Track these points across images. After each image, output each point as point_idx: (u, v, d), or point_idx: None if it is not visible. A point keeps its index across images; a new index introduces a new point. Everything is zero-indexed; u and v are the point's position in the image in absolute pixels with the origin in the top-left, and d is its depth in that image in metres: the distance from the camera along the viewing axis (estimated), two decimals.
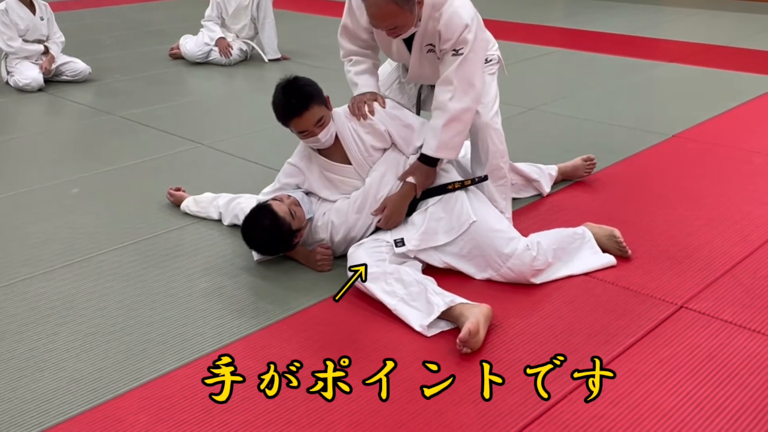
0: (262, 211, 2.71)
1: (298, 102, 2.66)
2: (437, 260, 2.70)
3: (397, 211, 2.71)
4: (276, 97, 2.70)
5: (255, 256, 2.87)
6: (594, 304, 2.52)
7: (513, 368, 2.20)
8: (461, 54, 2.64)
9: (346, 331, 2.43)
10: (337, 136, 2.79)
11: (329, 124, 2.74)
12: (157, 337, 2.42)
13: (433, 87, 3.02)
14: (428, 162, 2.72)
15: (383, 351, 2.30)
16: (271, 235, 2.69)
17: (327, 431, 1.97)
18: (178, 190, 3.41)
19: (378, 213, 2.72)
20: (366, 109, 2.80)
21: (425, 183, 2.73)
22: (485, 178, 2.90)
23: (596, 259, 2.75)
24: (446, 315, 2.38)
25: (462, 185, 2.77)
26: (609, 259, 2.76)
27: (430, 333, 2.37)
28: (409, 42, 2.77)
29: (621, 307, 2.49)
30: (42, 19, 5.69)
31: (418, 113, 3.05)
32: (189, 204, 3.30)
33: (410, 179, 2.70)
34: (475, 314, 2.31)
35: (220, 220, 3.21)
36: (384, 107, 2.82)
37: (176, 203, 3.37)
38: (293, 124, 2.70)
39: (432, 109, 2.76)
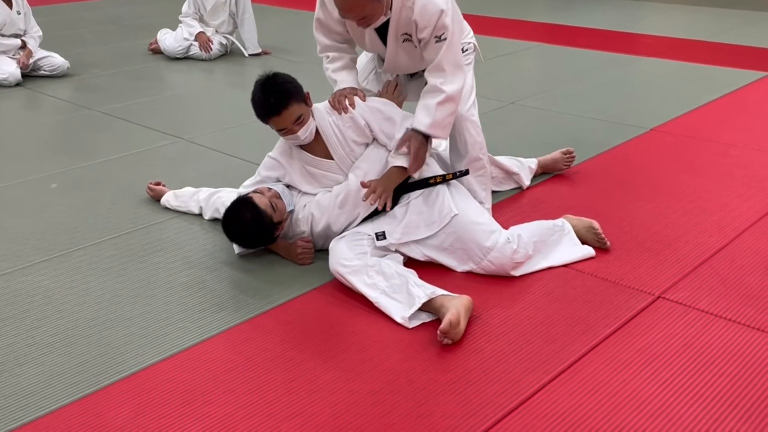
0: (243, 203, 2.70)
1: (276, 101, 2.64)
2: (418, 253, 2.71)
3: (384, 185, 2.66)
4: (255, 94, 2.68)
5: (236, 249, 2.86)
6: (573, 295, 2.54)
7: (493, 358, 2.21)
8: (444, 39, 2.65)
9: (327, 323, 2.43)
10: (318, 132, 2.79)
11: (308, 121, 2.73)
12: (138, 331, 2.41)
13: (410, 76, 3.04)
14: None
15: (365, 343, 2.31)
16: (253, 227, 2.68)
17: (308, 422, 1.98)
18: (158, 184, 3.39)
19: (367, 186, 2.67)
20: (346, 102, 2.80)
21: (419, 151, 2.70)
22: (466, 172, 2.92)
23: (576, 251, 2.78)
24: (427, 307, 2.39)
25: (443, 179, 2.78)
26: (588, 251, 2.78)
27: (411, 324, 2.38)
28: (382, 33, 2.77)
29: (600, 298, 2.52)
30: (19, 13, 5.63)
31: None
32: (169, 198, 3.29)
33: (403, 149, 2.68)
34: (456, 306, 2.32)
35: (200, 215, 3.20)
36: (364, 101, 2.83)
37: (156, 198, 3.35)
38: (272, 122, 2.70)
39: (423, 93, 2.77)
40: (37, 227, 3.20)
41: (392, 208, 2.72)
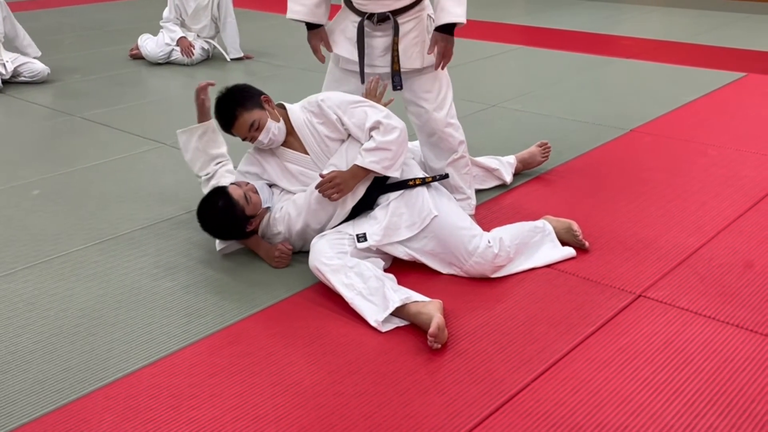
0: (217, 193, 2.78)
1: (227, 115, 2.79)
2: (402, 252, 2.71)
3: (344, 180, 2.66)
4: (214, 111, 2.85)
5: (217, 245, 2.88)
6: (555, 295, 2.57)
7: (477, 359, 2.24)
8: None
9: (311, 327, 2.44)
10: (295, 131, 2.83)
11: (267, 125, 2.76)
12: (121, 337, 2.41)
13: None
14: (449, 31, 2.76)
15: (350, 346, 2.32)
16: (222, 216, 2.73)
17: (295, 424, 1.99)
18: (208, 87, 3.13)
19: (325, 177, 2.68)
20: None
21: (448, 49, 2.77)
22: (446, 176, 2.96)
23: (556, 252, 2.80)
24: (402, 312, 2.40)
25: (423, 182, 2.80)
26: (569, 252, 2.81)
27: (384, 328, 2.39)
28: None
29: (581, 297, 2.55)
30: None
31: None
32: (192, 137, 3.12)
33: (372, 146, 2.65)
34: (434, 310, 2.34)
35: (199, 178, 3.10)
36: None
37: (201, 108, 3.12)
38: (233, 132, 2.82)
39: None
40: (20, 234, 3.19)
41: (372, 209, 2.74)
